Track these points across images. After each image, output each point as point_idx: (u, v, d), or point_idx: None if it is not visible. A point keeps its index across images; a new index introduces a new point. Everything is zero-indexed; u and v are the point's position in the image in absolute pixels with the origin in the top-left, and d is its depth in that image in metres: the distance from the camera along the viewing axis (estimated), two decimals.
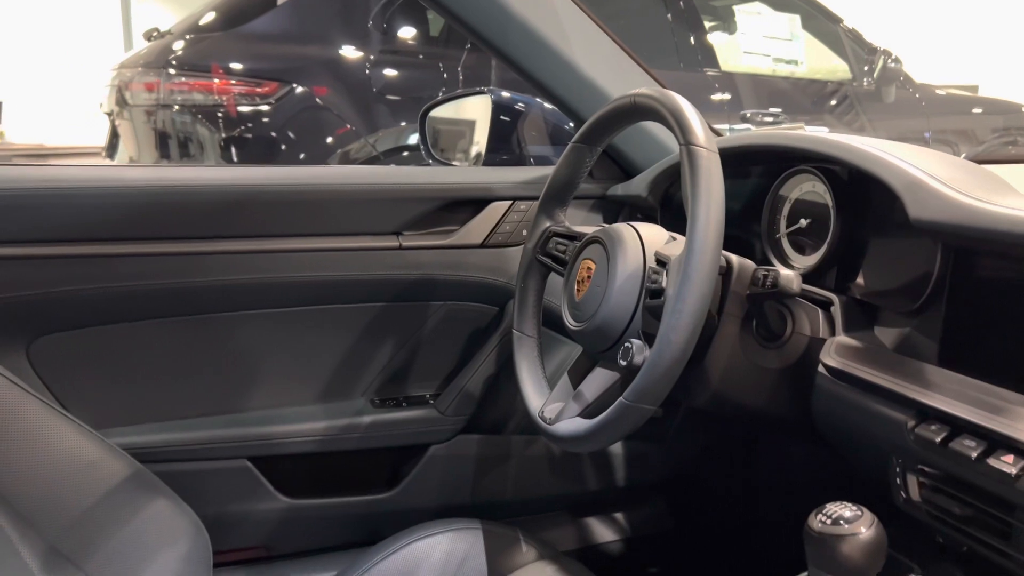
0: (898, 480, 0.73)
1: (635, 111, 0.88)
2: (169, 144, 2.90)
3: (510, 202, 1.21)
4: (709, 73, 3.46)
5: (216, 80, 2.79)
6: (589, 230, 0.94)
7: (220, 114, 2.81)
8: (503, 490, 1.29)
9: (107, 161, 3.29)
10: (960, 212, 0.69)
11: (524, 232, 1.18)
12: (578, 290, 0.90)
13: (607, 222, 1.18)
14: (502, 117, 1.42)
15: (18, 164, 1.01)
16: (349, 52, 2.96)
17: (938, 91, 4.13)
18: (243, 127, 2.87)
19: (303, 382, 1.20)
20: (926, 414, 0.68)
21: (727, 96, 3.48)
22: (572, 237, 0.98)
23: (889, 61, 3.62)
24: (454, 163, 1.52)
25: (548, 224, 1.03)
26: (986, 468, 0.62)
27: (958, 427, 0.65)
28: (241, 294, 1.11)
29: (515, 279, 1.08)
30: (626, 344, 0.80)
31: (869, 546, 0.58)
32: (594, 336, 0.87)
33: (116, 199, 1.04)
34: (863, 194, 0.86)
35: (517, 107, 1.43)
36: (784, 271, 0.77)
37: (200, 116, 2.82)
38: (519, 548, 1.05)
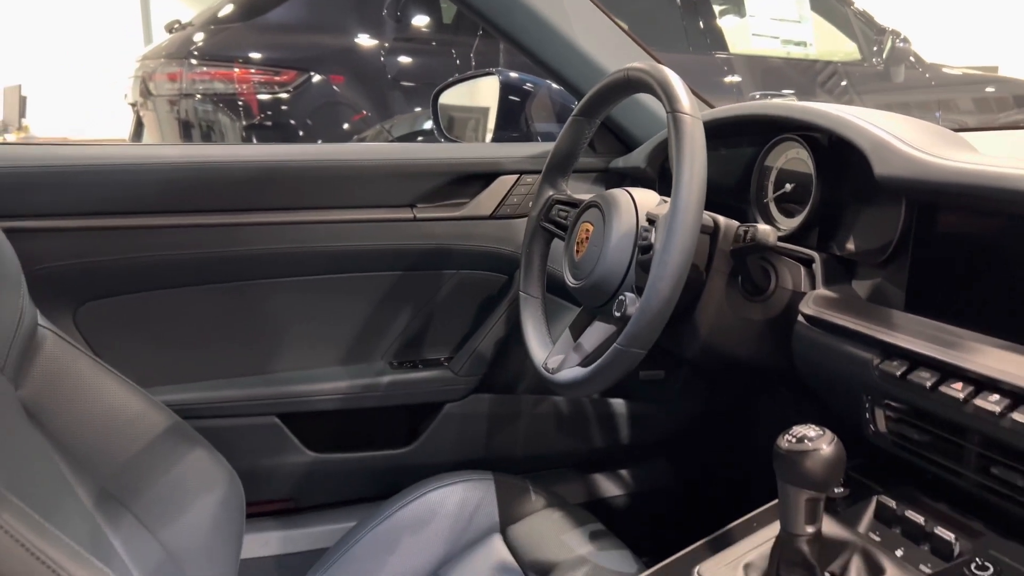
0: (868, 415, 0.80)
1: (628, 83, 0.95)
2: (192, 132, 3.01)
3: (517, 176, 1.28)
4: (718, 56, 3.50)
5: (236, 70, 2.88)
6: (588, 197, 1.02)
7: (240, 102, 2.91)
8: (514, 446, 1.37)
9: None
10: (919, 167, 0.75)
11: (530, 204, 1.26)
12: (577, 251, 0.98)
13: None
14: (510, 96, 1.49)
15: (67, 144, 1.09)
16: (364, 40, 3.04)
17: (948, 70, 4.15)
18: (263, 114, 2.96)
19: (327, 345, 1.28)
20: (889, 352, 0.75)
21: (737, 79, 3.52)
22: (573, 204, 1.05)
23: (898, 41, 3.65)
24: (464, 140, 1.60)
25: (551, 193, 1.10)
26: (939, 396, 0.69)
27: (916, 361, 0.73)
28: (269, 263, 1.20)
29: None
30: (620, 297, 0.88)
31: (829, 460, 0.65)
32: (592, 292, 0.94)
33: (154, 175, 1.13)
34: (841, 159, 0.93)
35: (525, 87, 1.50)
36: (761, 226, 0.85)
37: (221, 104, 2.92)
38: (529, 497, 1.14)
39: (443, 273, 1.30)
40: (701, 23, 3.49)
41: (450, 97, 1.54)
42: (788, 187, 1.02)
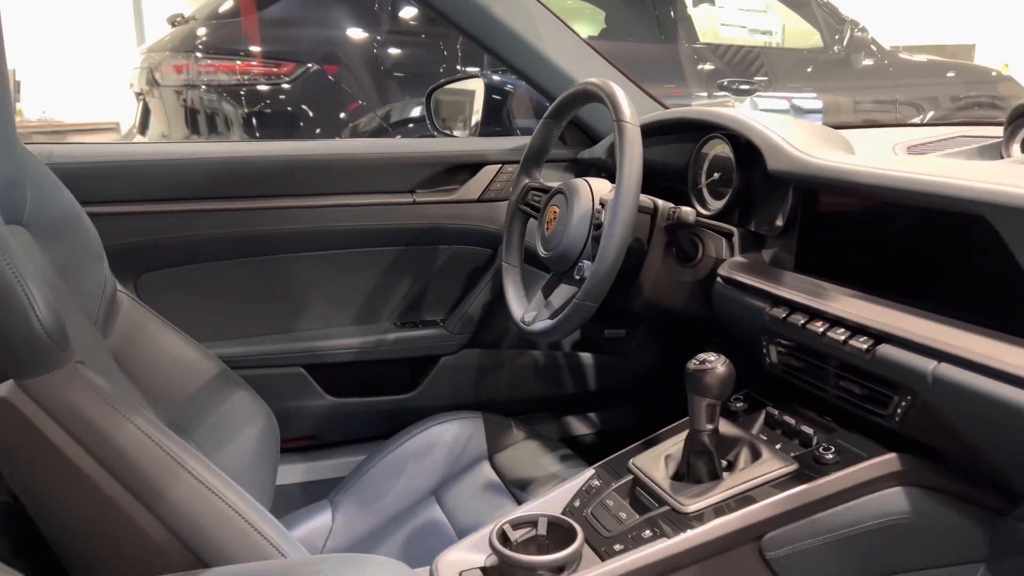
0: (764, 351, 1.06)
1: (585, 95, 1.19)
2: (198, 120, 3.22)
3: (500, 165, 1.53)
4: (688, 45, 3.74)
5: (239, 62, 3.09)
6: (556, 184, 1.26)
7: (243, 92, 3.12)
8: (499, 392, 1.62)
9: (139, 137, 3.60)
10: (797, 163, 1.01)
11: (511, 189, 1.50)
12: (547, 228, 1.22)
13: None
14: (493, 96, 1.73)
15: (132, 142, 1.32)
16: (358, 33, 3.26)
17: (905, 56, 4.40)
18: (263, 103, 3.17)
19: (342, 308, 1.53)
20: (776, 302, 1.01)
21: (706, 67, 3.76)
22: (544, 190, 1.30)
23: (856, 31, 3.89)
24: (455, 134, 1.84)
25: (527, 181, 1.35)
26: (807, 332, 0.94)
27: (794, 308, 0.98)
28: (294, 240, 1.44)
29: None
30: (579, 264, 1.13)
31: (722, 376, 0.91)
32: (558, 260, 1.19)
33: (198, 168, 1.36)
34: (753, 154, 1.17)
35: (506, 88, 1.74)
36: (684, 208, 1.10)
37: (225, 94, 3.13)
38: (511, 432, 1.39)
39: (439, 248, 1.55)
40: (672, 13, 3.72)
41: (442, 96, 1.77)
42: (716, 175, 1.26)
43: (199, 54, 3.10)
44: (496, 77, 1.74)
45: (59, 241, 0.99)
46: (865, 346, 0.86)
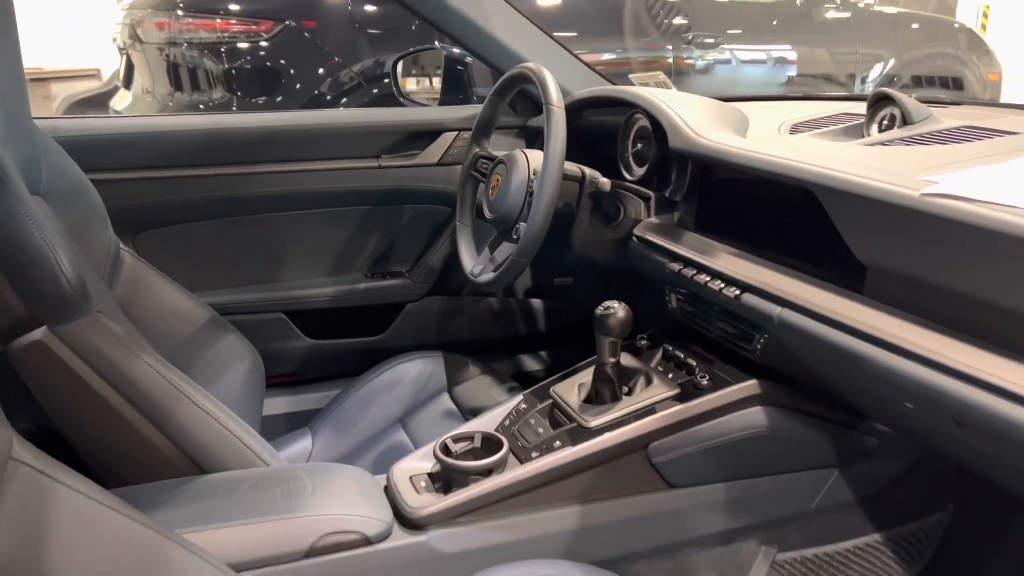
0: (667, 298, 1.27)
1: (522, 77, 1.38)
2: (180, 75, 3.33)
3: (457, 132, 1.71)
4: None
5: (219, 20, 3.20)
6: (500, 154, 1.45)
7: (223, 50, 3.23)
8: (459, 334, 1.84)
9: (123, 91, 3.71)
10: (690, 143, 1.20)
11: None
12: (492, 193, 1.42)
13: (528, 146, 1.68)
14: (456, 67, 1.90)
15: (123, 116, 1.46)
16: None
17: (874, 8, 4.52)
18: (243, 60, 3.29)
19: (318, 261, 1.73)
20: (674, 258, 1.21)
21: (674, 21, 3.89)
22: (491, 158, 1.48)
23: None
24: (420, 101, 2.01)
25: (476, 150, 1.53)
26: (695, 282, 1.15)
27: (687, 263, 1.18)
28: (274, 201, 1.63)
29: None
30: (517, 226, 1.32)
31: (621, 320, 1.11)
32: (501, 222, 1.38)
33: (188, 138, 1.54)
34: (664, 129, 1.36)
35: (465, 59, 1.91)
36: (601, 178, 1.30)
37: (206, 51, 3.24)
38: (468, 368, 1.60)
39: (403, 207, 1.74)
40: None
41: (405, 66, 1.94)
42: (640, 145, 1.45)
43: (180, 12, 3.20)
44: (455, 49, 1.90)
45: (70, 207, 1.15)
46: (734, 294, 1.07)
